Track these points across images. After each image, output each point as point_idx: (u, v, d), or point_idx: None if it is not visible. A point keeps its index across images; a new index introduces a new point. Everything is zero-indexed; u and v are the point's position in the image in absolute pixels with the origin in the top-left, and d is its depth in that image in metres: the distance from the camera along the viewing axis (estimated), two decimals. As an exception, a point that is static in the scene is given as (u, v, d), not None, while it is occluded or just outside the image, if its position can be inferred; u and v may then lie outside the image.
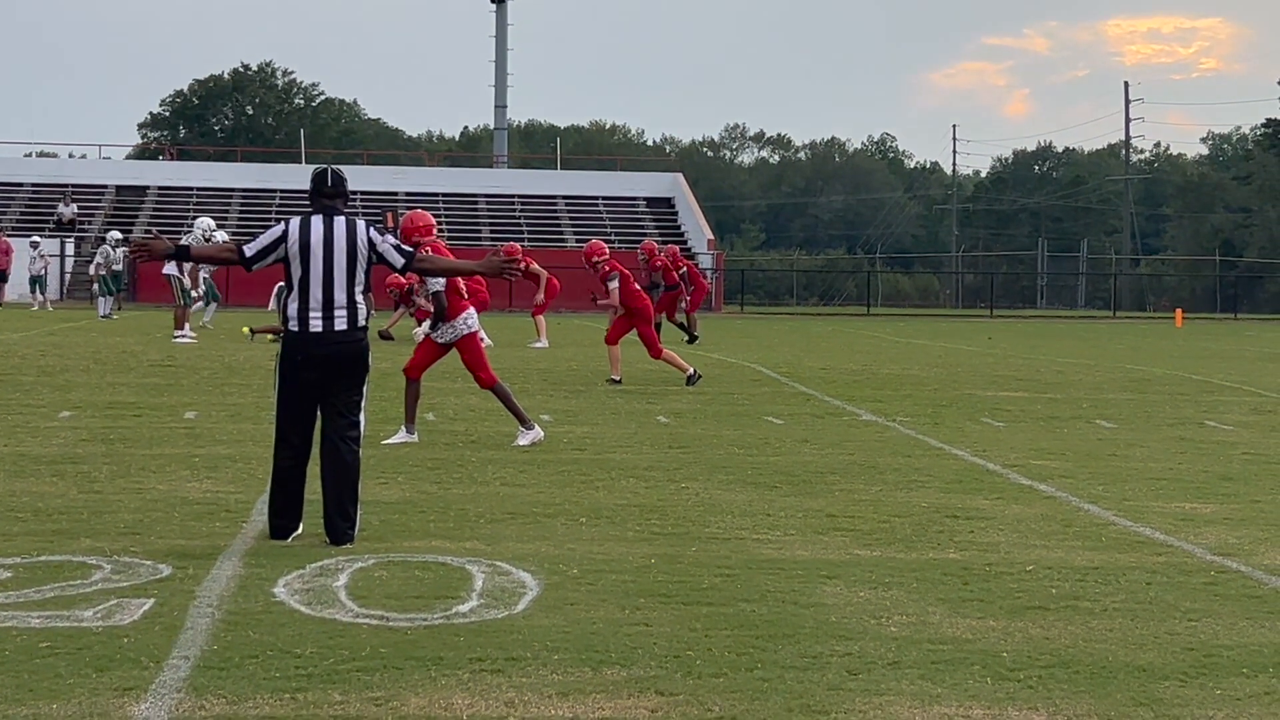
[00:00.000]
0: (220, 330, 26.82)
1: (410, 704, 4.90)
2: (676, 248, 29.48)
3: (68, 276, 48.63)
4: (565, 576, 6.90)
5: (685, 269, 28.25)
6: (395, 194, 56.69)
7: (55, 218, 51.87)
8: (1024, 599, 6.65)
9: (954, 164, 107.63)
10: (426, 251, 10.48)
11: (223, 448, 11.13)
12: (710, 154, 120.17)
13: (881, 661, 5.54)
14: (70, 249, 49.32)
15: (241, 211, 56.14)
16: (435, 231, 11.69)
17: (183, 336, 23.34)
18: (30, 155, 73.38)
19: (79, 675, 5.14)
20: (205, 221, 25.27)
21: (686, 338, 27.36)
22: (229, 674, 5.19)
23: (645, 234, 56.33)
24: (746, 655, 5.58)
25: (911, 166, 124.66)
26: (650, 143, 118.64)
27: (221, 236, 25.13)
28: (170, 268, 23.60)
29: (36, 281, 40.10)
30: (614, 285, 17.96)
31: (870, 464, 11.02)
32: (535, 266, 25.49)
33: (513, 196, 58.66)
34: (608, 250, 19.45)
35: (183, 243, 21.39)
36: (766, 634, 5.91)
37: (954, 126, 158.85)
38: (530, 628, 5.93)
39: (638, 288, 18.59)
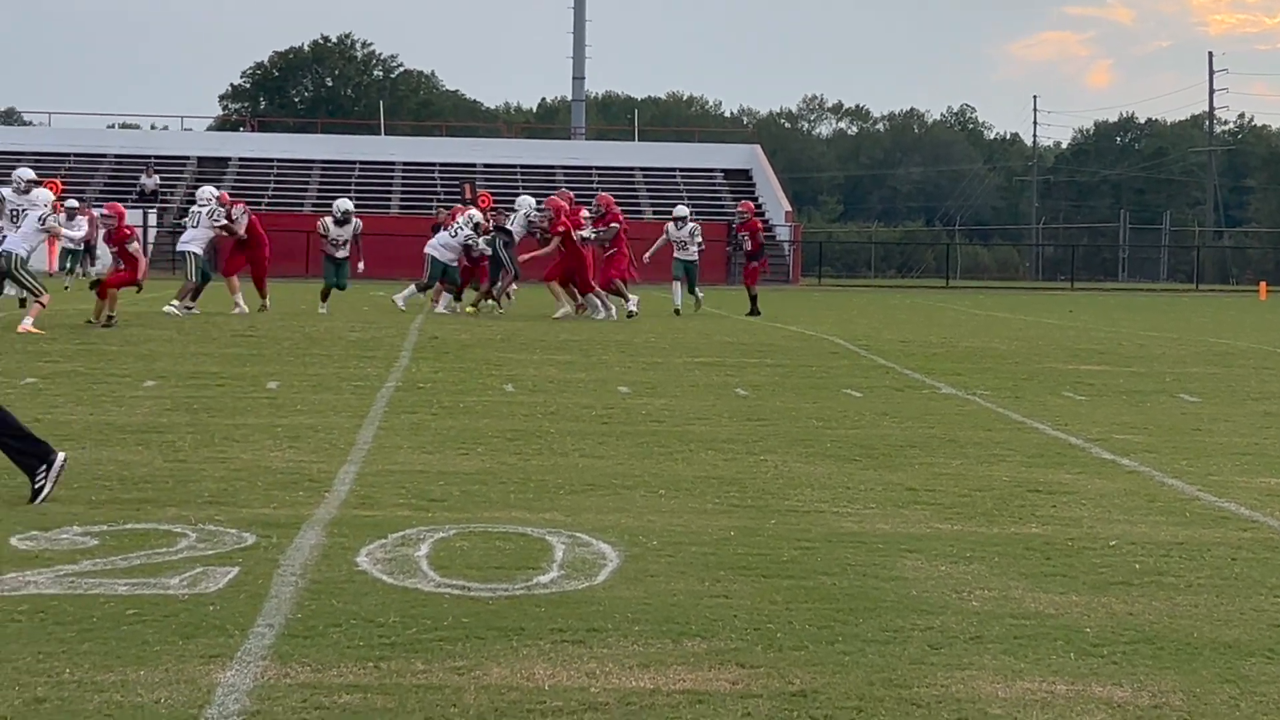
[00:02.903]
0: (302, 301, 26.97)
1: (493, 674, 4.93)
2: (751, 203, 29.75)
3: (150, 247, 49.07)
4: (645, 548, 6.91)
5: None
6: (473, 166, 56.84)
7: (138, 189, 52.36)
8: (1107, 574, 6.60)
9: (1034, 135, 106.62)
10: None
11: (304, 417, 11.21)
12: (788, 125, 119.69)
13: (963, 636, 5.52)
14: (153, 220, 49.78)
15: (321, 183, 56.47)
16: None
17: (173, 308, 22.19)
18: (113, 127, 74.21)
19: (166, 642, 5.20)
20: (208, 190, 24.02)
21: (751, 309, 27.15)
22: (313, 642, 5.24)
23: (723, 206, 56.26)
24: (827, 629, 5.57)
25: (991, 138, 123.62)
26: (728, 114, 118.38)
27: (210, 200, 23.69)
28: (192, 245, 22.67)
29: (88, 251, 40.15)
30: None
31: (951, 438, 10.96)
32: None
33: (590, 168, 58.66)
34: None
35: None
36: (847, 607, 5.89)
37: (1034, 97, 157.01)
38: (611, 599, 5.94)
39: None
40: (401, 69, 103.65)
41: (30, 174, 23.56)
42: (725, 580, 6.31)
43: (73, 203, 35.29)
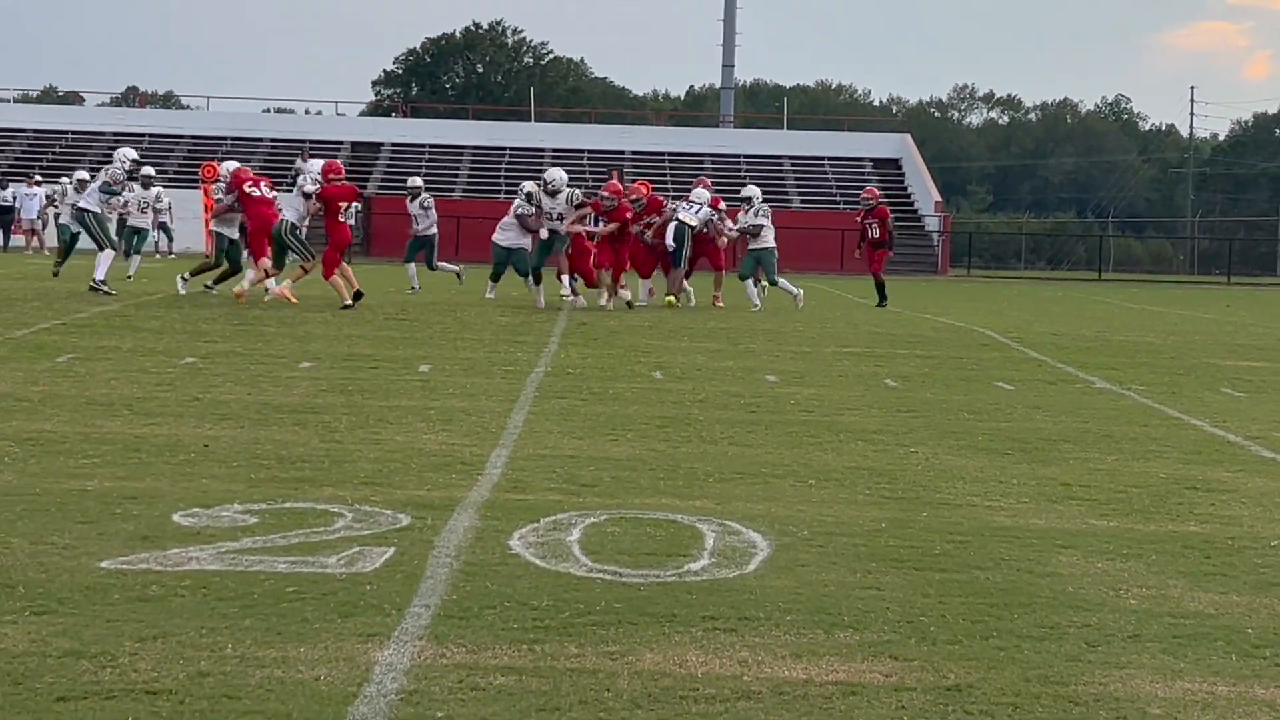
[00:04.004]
0: (437, 282, 27.22)
1: (645, 659, 4.95)
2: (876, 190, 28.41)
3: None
4: (796, 538, 6.89)
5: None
6: (621, 153, 57.00)
7: (293, 172, 53.17)
8: (1269, 574, 6.47)
9: (1191, 127, 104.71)
10: None
11: (456, 401, 11.32)
12: (938, 115, 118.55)
13: (1121, 634, 5.44)
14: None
15: (471, 168, 56.97)
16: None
17: (184, 285, 22.02)
18: (269, 111, 75.42)
19: (325, 620, 5.28)
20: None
21: (879, 299, 26.59)
22: (468, 623, 5.29)
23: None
24: (981, 623, 5.52)
25: (1146, 129, 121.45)
26: (877, 103, 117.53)
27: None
28: (222, 227, 22.44)
29: (162, 228, 40.69)
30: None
31: (1105, 432, 10.81)
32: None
33: (738, 156, 58.57)
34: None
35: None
36: (1001, 602, 5.84)
37: (1191, 88, 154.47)
38: (762, 588, 5.94)
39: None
40: (551, 56, 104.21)
41: (130, 158, 23.51)
42: (877, 572, 6.28)
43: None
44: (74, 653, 4.82)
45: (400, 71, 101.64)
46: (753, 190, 24.77)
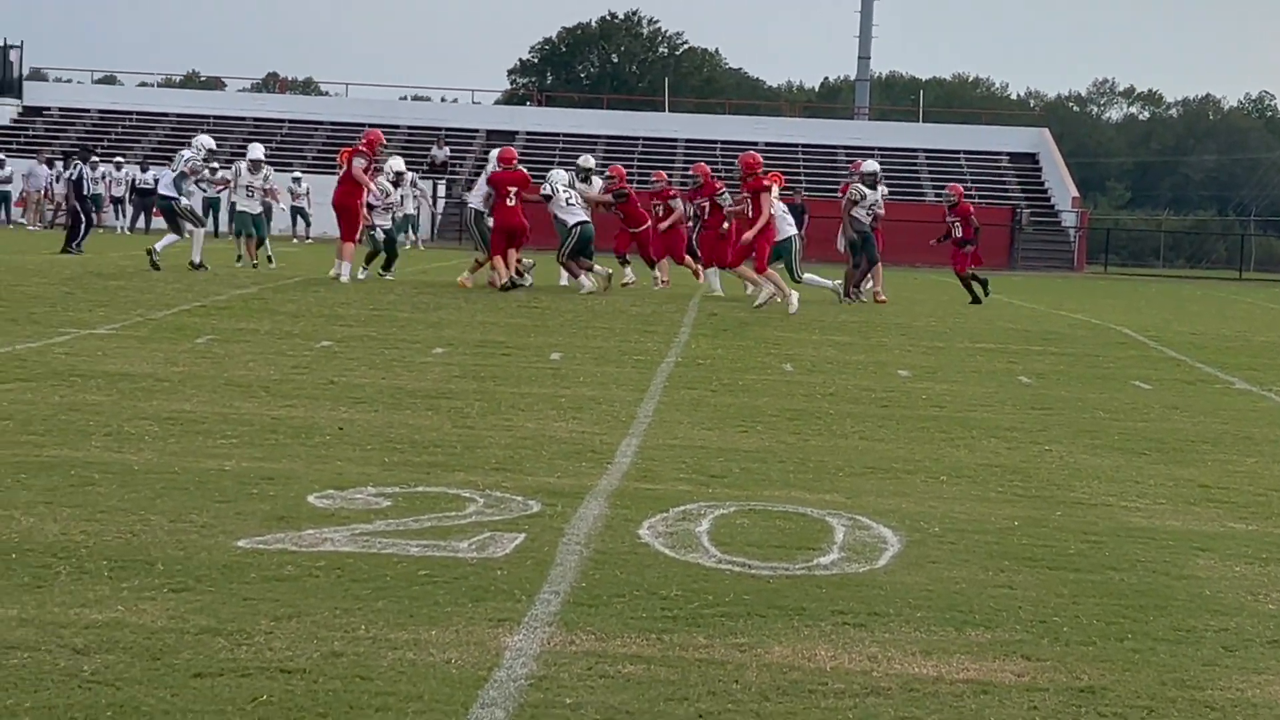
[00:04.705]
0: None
1: (774, 652, 4.94)
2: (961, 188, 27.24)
3: (438, 217, 50.24)
4: (926, 534, 6.84)
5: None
6: (755, 144, 56.77)
7: (429, 160, 53.64)
8: None
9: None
10: None
11: (586, 389, 11.36)
12: (1076, 109, 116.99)
13: (1260, 639, 5.34)
14: (442, 190, 50.97)
15: (605, 158, 57.16)
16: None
17: (364, 273, 22.46)
18: (406, 99, 76.11)
19: (456, 604, 5.33)
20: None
21: (971, 297, 25.74)
22: (597, 611, 5.31)
23: (1008, 191, 55.34)
24: (1116, 625, 5.44)
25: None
26: (1014, 96, 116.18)
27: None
28: (381, 219, 22.66)
29: (299, 213, 41.08)
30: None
31: (1245, 435, 10.61)
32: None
33: (872, 149, 58.11)
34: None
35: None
36: (1136, 604, 5.75)
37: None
38: (892, 584, 5.90)
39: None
40: (686, 46, 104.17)
41: (206, 147, 23.87)
42: (1009, 570, 6.21)
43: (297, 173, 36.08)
44: (211, 630, 4.90)
45: (536, 61, 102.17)
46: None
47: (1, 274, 20.01)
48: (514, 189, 20.96)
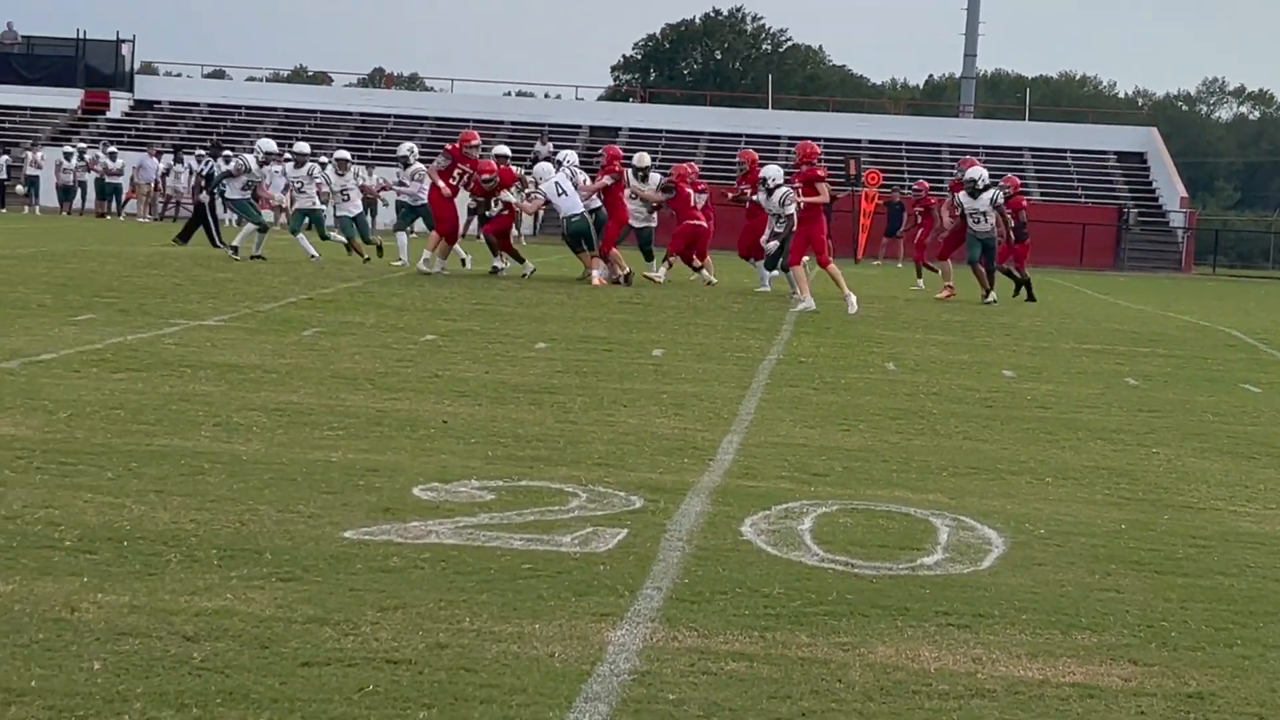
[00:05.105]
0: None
1: (878, 652, 4.92)
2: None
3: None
4: (1031, 536, 6.78)
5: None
6: (858, 142, 56.62)
7: (532, 155, 53.87)
8: None
9: None
10: None
11: (688, 386, 11.37)
12: (1185, 108, 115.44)
13: (1373, 649, 5.25)
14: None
15: (708, 154, 57.12)
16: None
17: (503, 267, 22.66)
18: (510, 94, 76.47)
19: (559, 598, 5.35)
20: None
21: (1022, 292, 25.06)
22: (700, 608, 5.31)
23: (1115, 190, 54.69)
24: (1225, 630, 5.37)
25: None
26: (1122, 95, 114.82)
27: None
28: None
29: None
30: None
31: (1358, 440, 10.43)
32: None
33: (977, 147, 57.61)
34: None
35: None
36: (1246, 610, 5.67)
37: None
38: (997, 585, 5.86)
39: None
40: (790, 43, 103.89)
41: (264, 149, 24.56)
42: (1116, 574, 6.14)
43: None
44: (318, 619, 4.95)
45: (639, 57, 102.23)
46: (769, 171, 21.51)
47: (114, 265, 20.33)
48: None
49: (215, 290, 17.11)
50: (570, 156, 22.98)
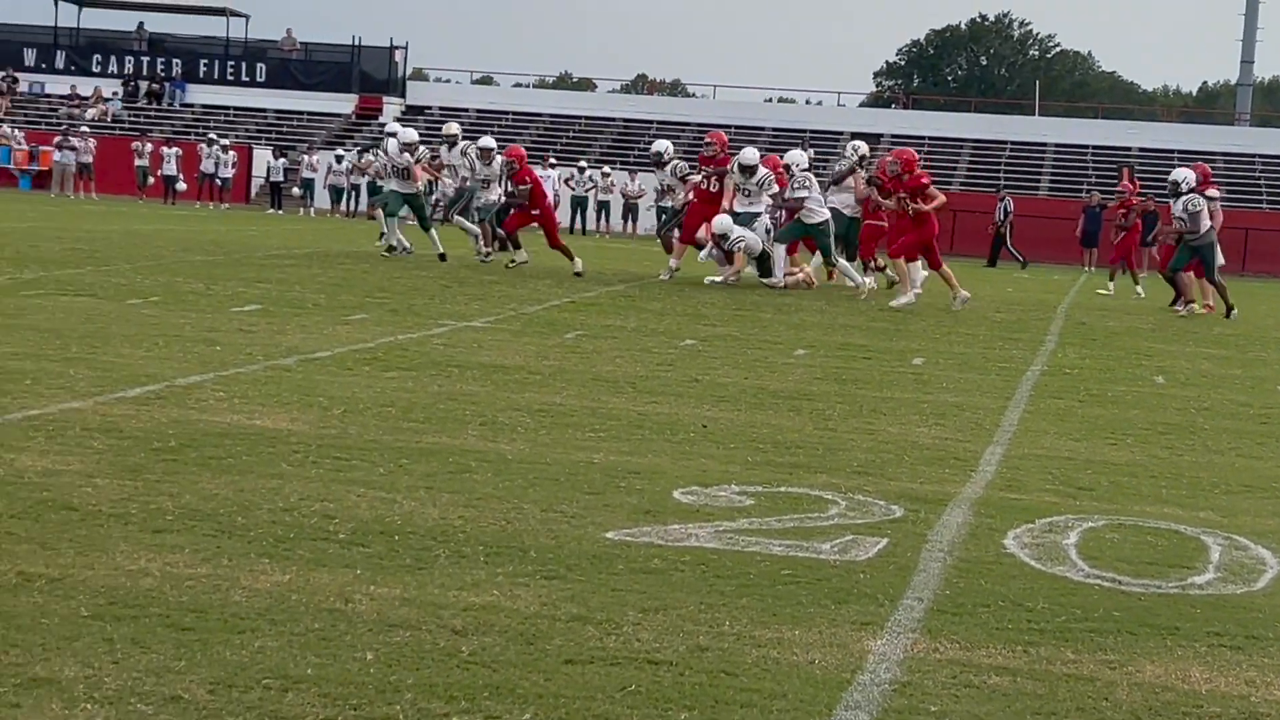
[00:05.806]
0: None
1: (1146, 671, 4.81)
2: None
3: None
4: (1309, 558, 6.55)
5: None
6: (1128, 149, 55.29)
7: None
8: None
9: None
10: None
11: (949, 395, 11.24)
12: None
13: None
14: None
15: (971, 162, 56.39)
16: None
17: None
18: (770, 101, 76.50)
19: (819, 605, 5.34)
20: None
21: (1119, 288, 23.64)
22: (961, 620, 5.26)
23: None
24: None
25: None
26: None
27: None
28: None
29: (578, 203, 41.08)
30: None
31: None
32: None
33: (1253, 156, 55.87)
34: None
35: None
36: None
37: None
38: (1271, 606, 5.68)
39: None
40: (1058, 49, 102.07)
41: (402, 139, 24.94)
42: (1400, 600, 5.90)
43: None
44: (581, 618, 5.03)
45: (903, 63, 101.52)
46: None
47: (384, 267, 20.89)
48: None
49: (481, 293, 17.46)
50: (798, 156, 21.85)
